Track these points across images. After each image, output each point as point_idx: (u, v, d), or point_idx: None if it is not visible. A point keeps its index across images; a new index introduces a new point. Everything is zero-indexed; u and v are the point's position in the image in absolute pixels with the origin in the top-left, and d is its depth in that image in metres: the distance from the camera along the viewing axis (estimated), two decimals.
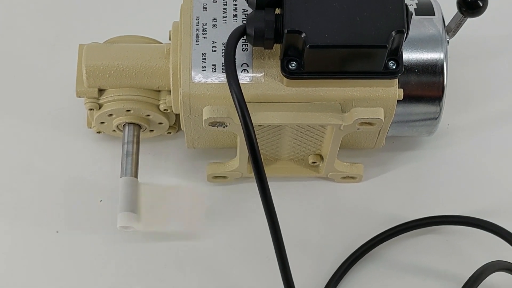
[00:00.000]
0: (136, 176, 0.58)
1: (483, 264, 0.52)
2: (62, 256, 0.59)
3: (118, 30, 0.63)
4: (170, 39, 0.57)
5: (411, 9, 0.56)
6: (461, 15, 0.54)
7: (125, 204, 0.56)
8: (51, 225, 0.60)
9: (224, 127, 0.52)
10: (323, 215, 0.61)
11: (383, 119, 0.52)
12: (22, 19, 0.69)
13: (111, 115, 0.58)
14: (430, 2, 0.57)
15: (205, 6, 0.54)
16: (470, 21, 0.55)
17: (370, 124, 0.52)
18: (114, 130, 0.60)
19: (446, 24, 0.57)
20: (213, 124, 0.52)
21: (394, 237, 0.59)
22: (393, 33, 0.49)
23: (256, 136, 0.49)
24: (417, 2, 0.57)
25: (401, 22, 0.49)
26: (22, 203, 0.61)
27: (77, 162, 0.63)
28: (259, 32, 0.49)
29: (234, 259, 0.59)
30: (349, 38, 0.49)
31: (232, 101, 0.49)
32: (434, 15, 0.56)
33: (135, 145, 0.59)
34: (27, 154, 0.63)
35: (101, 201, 0.61)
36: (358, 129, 0.53)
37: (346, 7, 0.49)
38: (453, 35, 0.57)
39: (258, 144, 0.49)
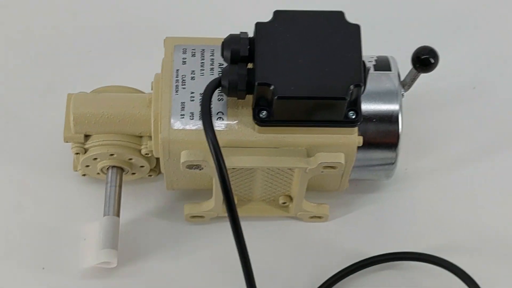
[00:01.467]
0: (118, 215, 0.60)
1: None
2: None
3: (104, 80, 0.65)
4: (152, 89, 0.59)
5: (370, 65, 0.59)
6: (415, 71, 0.56)
7: (106, 241, 0.58)
8: (38, 261, 0.61)
9: (200, 169, 0.54)
10: (292, 251, 0.62)
11: (344, 163, 0.54)
12: (16, 69, 0.71)
13: (95, 159, 0.60)
14: (388, 59, 0.60)
15: (184, 60, 0.57)
16: (423, 76, 0.57)
17: (332, 167, 0.54)
18: (98, 173, 0.62)
19: (401, 79, 0.59)
20: (190, 166, 0.54)
21: (356, 271, 0.60)
22: (352, 86, 0.51)
23: (230, 178, 0.51)
24: (376, 59, 0.60)
25: (359, 77, 0.52)
26: (10, 240, 0.62)
27: (64, 203, 0.64)
28: (233, 84, 0.52)
29: None
30: (313, 90, 0.51)
31: (207, 146, 0.51)
32: (391, 70, 0.59)
33: (117, 187, 0.61)
34: (16, 195, 0.64)
35: (85, 239, 0.62)
36: (322, 172, 0.55)
37: (310, 62, 0.52)
38: (408, 88, 0.59)
39: (232, 185, 0.51)
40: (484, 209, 0.65)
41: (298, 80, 0.52)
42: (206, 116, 0.52)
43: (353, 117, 0.54)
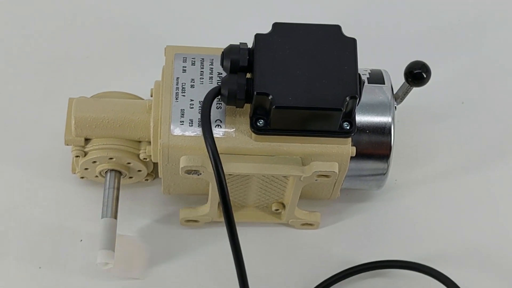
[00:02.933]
0: (115, 217, 0.61)
1: None
2: None
3: (103, 86, 0.66)
4: (151, 96, 0.60)
5: (364, 78, 0.60)
6: (408, 85, 0.58)
7: (104, 242, 0.59)
8: (34, 261, 0.62)
9: (198, 175, 0.55)
10: (283, 257, 0.63)
11: (337, 172, 0.55)
12: (16, 73, 0.72)
13: (95, 162, 0.61)
14: (381, 72, 0.61)
15: (184, 69, 0.58)
16: (415, 90, 0.59)
17: (326, 176, 0.56)
18: (96, 176, 0.63)
19: (394, 92, 0.60)
20: (188, 172, 0.55)
21: (346, 278, 0.61)
22: (347, 98, 0.53)
23: (226, 183, 0.52)
24: (370, 72, 0.61)
25: (354, 89, 0.53)
26: (7, 239, 0.63)
27: (61, 204, 0.65)
28: (232, 93, 0.53)
29: None
30: (310, 101, 0.52)
31: (206, 152, 0.53)
32: (384, 83, 0.60)
33: (115, 190, 0.62)
34: (14, 195, 0.65)
35: (81, 240, 0.63)
36: (316, 180, 0.56)
37: (308, 74, 0.53)
38: (401, 101, 0.60)
39: (228, 190, 0.52)
40: (471, 220, 0.67)
41: (295, 90, 0.53)
42: (206, 124, 0.53)
43: (348, 128, 0.55)
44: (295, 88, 0.53)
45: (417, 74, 0.57)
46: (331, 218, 0.65)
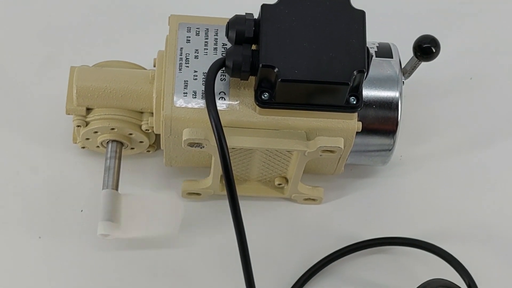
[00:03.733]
0: (117, 189, 0.60)
1: (424, 280, 0.56)
2: (42, 260, 0.61)
3: (104, 54, 0.66)
4: (154, 66, 0.59)
5: (372, 51, 0.59)
6: (416, 59, 0.57)
7: (105, 213, 0.58)
8: (34, 230, 0.62)
9: (201, 147, 0.54)
10: (285, 232, 0.63)
11: (343, 148, 0.54)
12: (17, 40, 0.70)
13: (96, 132, 0.61)
14: (389, 46, 0.60)
15: (188, 39, 0.57)
16: (423, 64, 0.58)
17: (331, 151, 0.55)
18: (97, 146, 0.63)
19: (402, 66, 0.59)
20: (191, 144, 0.54)
21: (348, 254, 0.61)
22: (355, 72, 0.52)
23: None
24: (377, 45, 0.60)
25: (362, 63, 0.52)
26: (7, 208, 0.63)
27: (62, 174, 0.64)
28: (237, 65, 0.52)
29: (204, 269, 0.61)
30: (316, 74, 0.52)
31: (209, 125, 0.52)
32: (392, 57, 0.59)
33: (117, 161, 0.61)
34: (15, 164, 0.65)
35: (82, 211, 0.63)
36: (320, 155, 0.55)
37: (314, 47, 0.52)
38: (409, 76, 0.59)
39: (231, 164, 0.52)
40: (476, 197, 0.66)
41: (301, 63, 0.52)
42: (210, 96, 0.52)
43: (354, 102, 0.55)
44: (302, 61, 0.52)
45: (426, 48, 0.56)
46: (334, 193, 0.65)
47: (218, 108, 0.53)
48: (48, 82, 0.69)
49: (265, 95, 0.54)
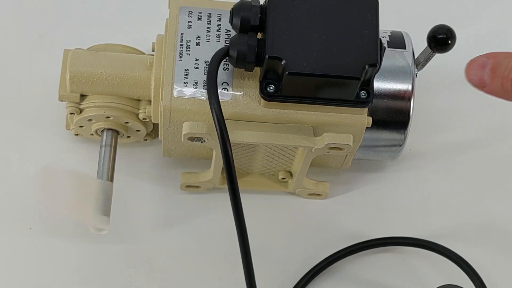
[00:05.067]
0: (111, 180, 0.58)
1: (433, 283, 0.54)
2: (33, 252, 0.59)
3: (100, 35, 0.63)
4: (153, 50, 0.57)
5: (384, 41, 0.57)
6: (430, 50, 0.55)
7: (98, 207, 0.56)
8: (25, 221, 0.60)
9: (202, 142, 0.52)
10: (288, 228, 0.62)
11: (352, 145, 0.53)
12: (7, 17, 0.68)
13: (90, 120, 0.59)
14: (402, 35, 0.58)
15: (190, 24, 0.54)
16: (437, 54, 0.55)
17: (339, 149, 0.53)
18: (92, 134, 0.60)
19: (415, 57, 0.57)
20: (191, 139, 0.52)
21: (354, 253, 0.60)
22: (367, 66, 0.50)
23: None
24: (390, 34, 0.58)
25: (374, 56, 0.50)
26: None
27: (54, 161, 0.62)
28: (241, 55, 0.50)
29: (203, 265, 0.60)
30: (326, 68, 0.49)
31: (211, 117, 0.50)
32: (405, 48, 0.57)
33: (112, 150, 0.59)
34: (4, 150, 0.63)
35: None
36: (328, 152, 0.53)
37: (324, 38, 0.50)
38: (422, 67, 0.57)
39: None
40: (488, 196, 0.64)
41: (310, 55, 0.50)
42: (212, 87, 0.50)
43: (365, 97, 0.52)
44: (310, 52, 0.50)
45: (441, 39, 0.53)
46: (340, 188, 0.63)
47: (221, 99, 0.51)
48: (40, 64, 0.66)
49: (271, 88, 0.52)
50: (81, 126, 0.60)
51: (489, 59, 0.46)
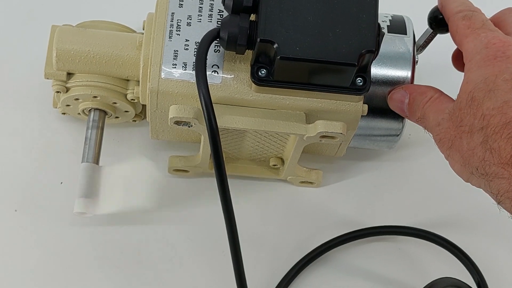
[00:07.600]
0: (97, 162, 0.57)
1: (430, 274, 0.54)
2: (18, 234, 0.58)
3: (91, 12, 0.62)
4: (143, 28, 0.55)
5: (384, 25, 0.55)
6: (431, 31, 0.53)
7: (83, 190, 0.55)
8: (10, 203, 0.59)
9: (189, 126, 0.51)
10: (279, 216, 0.60)
11: (344, 134, 0.51)
12: None
13: (77, 99, 0.57)
14: (404, 20, 0.56)
15: (181, 3, 0.53)
16: (438, 36, 0.54)
17: (332, 137, 0.51)
18: (79, 114, 0.59)
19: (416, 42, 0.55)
20: (178, 123, 0.51)
21: (347, 242, 0.59)
22: (364, 52, 0.48)
23: (220, 136, 0.48)
24: (390, 18, 0.56)
25: (372, 42, 0.48)
26: None
27: (41, 141, 0.61)
28: (232, 37, 0.48)
29: (190, 251, 0.58)
30: (320, 53, 0.47)
31: (199, 101, 0.47)
32: (405, 34, 0.55)
33: (99, 131, 0.58)
34: None
35: (61, 183, 0.60)
36: (320, 141, 0.52)
37: (320, 21, 0.48)
38: (422, 50, 0.56)
39: (221, 143, 0.48)
40: None
41: (304, 39, 0.48)
42: (201, 70, 0.48)
43: (361, 84, 0.50)
44: (305, 36, 0.48)
45: (442, 19, 0.52)
46: (334, 176, 0.62)
47: (210, 82, 0.50)
48: (28, 41, 0.65)
49: (263, 72, 0.50)
50: (68, 105, 0.59)
51: (407, 94, 0.52)
